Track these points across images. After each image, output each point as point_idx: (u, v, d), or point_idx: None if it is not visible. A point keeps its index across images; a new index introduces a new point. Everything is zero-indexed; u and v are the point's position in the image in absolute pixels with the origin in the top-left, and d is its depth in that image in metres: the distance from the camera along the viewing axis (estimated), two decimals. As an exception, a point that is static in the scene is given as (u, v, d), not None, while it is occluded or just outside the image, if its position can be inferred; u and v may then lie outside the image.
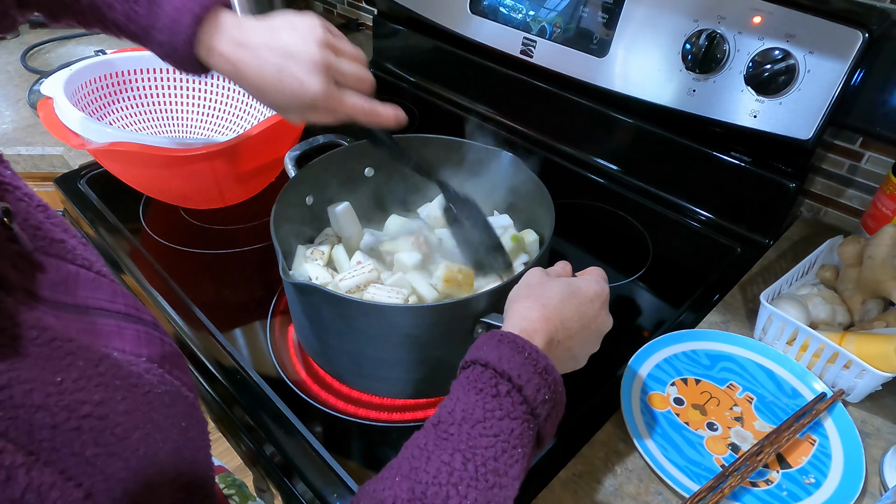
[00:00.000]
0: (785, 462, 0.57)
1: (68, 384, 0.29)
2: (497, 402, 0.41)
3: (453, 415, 0.41)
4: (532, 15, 0.93)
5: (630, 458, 0.57)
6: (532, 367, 0.42)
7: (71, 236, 0.39)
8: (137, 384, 0.34)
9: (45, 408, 0.27)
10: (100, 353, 0.33)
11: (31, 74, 1.20)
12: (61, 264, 0.36)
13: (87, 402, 0.29)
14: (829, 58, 0.69)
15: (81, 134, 0.72)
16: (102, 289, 0.38)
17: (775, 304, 0.67)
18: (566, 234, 0.84)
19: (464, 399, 0.42)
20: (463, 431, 0.40)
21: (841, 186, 0.85)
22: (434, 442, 0.40)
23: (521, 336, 0.44)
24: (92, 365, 0.31)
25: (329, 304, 0.55)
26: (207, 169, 0.75)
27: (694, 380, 0.64)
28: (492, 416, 0.40)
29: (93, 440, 0.29)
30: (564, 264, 0.53)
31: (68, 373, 0.30)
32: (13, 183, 0.36)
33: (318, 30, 0.50)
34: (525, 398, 0.41)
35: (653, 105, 0.84)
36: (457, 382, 0.43)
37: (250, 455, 0.64)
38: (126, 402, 0.32)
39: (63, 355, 0.30)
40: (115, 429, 0.30)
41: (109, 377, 0.32)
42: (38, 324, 0.30)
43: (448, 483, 0.38)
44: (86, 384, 0.30)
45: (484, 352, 0.43)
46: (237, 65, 0.50)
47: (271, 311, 0.73)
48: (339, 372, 0.63)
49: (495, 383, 0.41)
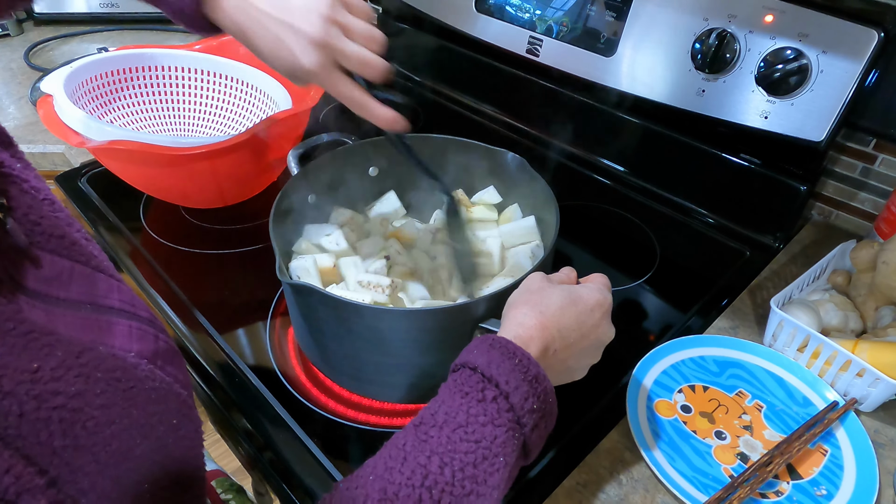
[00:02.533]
0: (796, 473, 0.55)
1: (45, 373, 0.29)
2: (482, 407, 0.40)
3: (435, 417, 0.40)
4: (538, 14, 0.92)
5: (636, 467, 0.56)
6: (522, 374, 0.41)
7: (75, 230, 0.38)
8: (121, 378, 0.34)
9: (14, 395, 0.27)
10: (82, 346, 0.32)
11: (34, 72, 1.20)
12: (56, 259, 0.36)
13: (61, 392, 0.29)
14: (843, 58, 0.67)
15: (81, 132, 0.71)
16: (97, 284, 0.38)
17: (786, 309, 0.65)
18: (571, 236, 0.83)
19: (448, 402, 0.41)
20: (443, 434, 0.39)
21: (853, 189, 0.83)
22: (412, 443, 0.39)
23: (515, 342, 0.43)
24: (73, 356, 0.31)
25: (326, 307, 0.54)
26: (208, 168, 0.74)
27: (702, 387, 0.62)
28: (475, 422, 0.39)
29: (61, 431, 0.29)
30: (569, 271, 0.52)
31: (46, 362, 0.29)
32: (21, 175, 0.36)
33: (325, 4, 0.48)
34: (511, 406, 0.40)
35: (661, 105, 0.83)
36: (445, 385, 0.43)
37: (249, 459, 0.63)
38: (105, 395, 0.32)
39: (40, 346, 0.30)
40: (86, 422, 0.30)
41: (90, 368, 0.32)
42: (15, 316, 0.30)
43: (422, 486, 0.37)
44: (64, 374, 0.30)
45: (474, 355, 0.42)
46: (241, 26, 0.50)
47: (271, 312, 0.72)
48: (338, 375, 0.62)
49: (482, 388, 0.40)
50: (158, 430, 0.35)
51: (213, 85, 0.91)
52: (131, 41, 1.35)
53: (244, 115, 0.91)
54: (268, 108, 0.87)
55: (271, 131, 0.74)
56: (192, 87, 0.90)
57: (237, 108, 0.91)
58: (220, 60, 0.89)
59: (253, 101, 0.90)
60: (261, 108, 0.89)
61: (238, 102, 0.91)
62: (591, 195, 0.92)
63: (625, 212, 0.89)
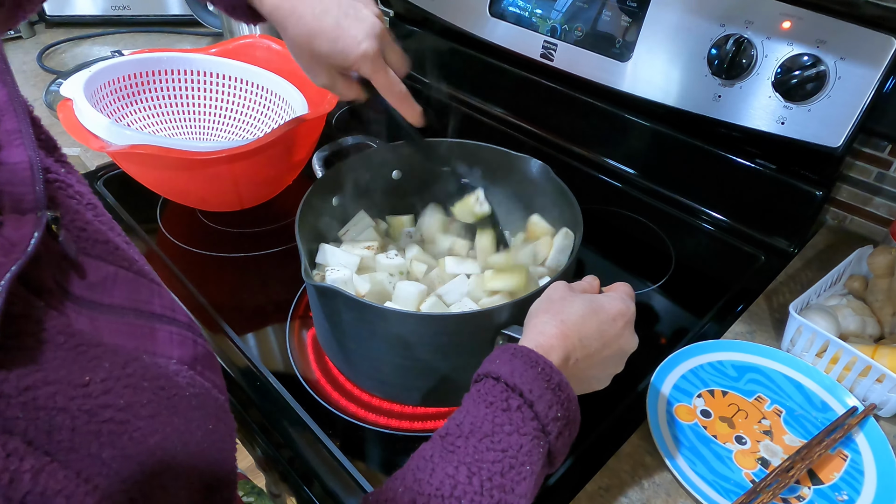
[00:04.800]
0: (816, 478, 0.55)
1: (95, 386, 0.29)
2: (507, 416, 0.40)
3: (461, 427, 0.40)
4: (553, 17, 0.92)
5: (657, 472, 0.56)
6: (545, 382, 0.41)
7: (116, 234, 0.39)
8: (165, 387, 0.34)
9: (67, 410, 0.28)
10: (128, 356, 0.32)
11: (48, 74, 1.20)
12: (101, 265, 0.36)
13: (111, 405, 0.29)
14: (860, 64, 0.68)
15: (101, 136, 0.71)
16: (140, 289, 0.38)
17: (804, 314, 0.65)
18: (585, 241, 0.82)
19: (473, 412, 0.41)
20: (470, 445, 0.39)
21: (868, 195, 0.83)
22: (440, 454, 0.39)
23: (536, 351, 0.43)
24: (119, 366, 0.31)
25: (350, 309, 0.54)
26: (227, 172, 0.75)
27: (721, 391, 0.63)
28: (500, 431, 0.39)
29: (110, 443, 0.29)
30: (592, 279, 0.52)
31: (95, 374, 0.30)
32: (66, 180, 0.36)
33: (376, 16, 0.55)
34: (536, 414, 0.40)
35: (676, 110, 0.83)
36: (468, 395, 0.43)
37: (265, 459, 0.63)
38: (151, 405, 0.32)
39: (90, 359, 0.30)
40: (133, 433, 0.30)
41: (137, 379, 0.32)
42: (66, 329, 0.30)
43: (451, 496, 0.37)
44: (113, 385, 0.30)
45: (497, 365, 0.42)
46: (297, 5, 0.52)
47: (290, 314, 0.72)
48: (359, 377, 0.62)
49: (506, 397, 0.41)
50: (197, 435, 0.36)
51: (230, 89, 0.91)
52: (143, 43, 1.36)
53: (261, 118, 0.91)
54: (284, 112, 0.88)
55: (289, 136, 0.75)
56: (209, 90, 0.91)
57: (254, 112, 0.91)
58: (237, 64, 0.89)
59: (269, 106, 0.90)
60: (277, 112, 0.89)
61: (254, 106, 0.91)
62: (605, 199, 0.92)
63: (639, 216, 0.89)
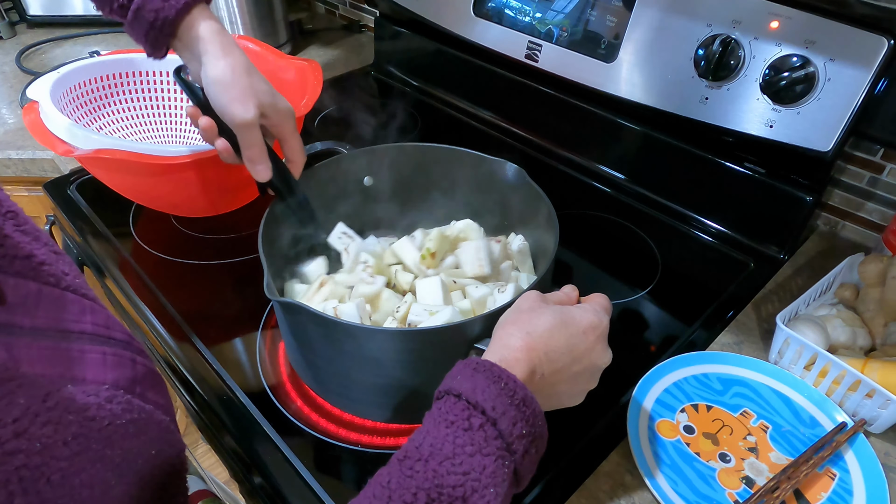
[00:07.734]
0: (803, 498, 0.53)
1: (5, 429, 0.26)
2: (469, 436, 0.38)
3: (420, 450, 0.38)
4: (538, 18, 0.90)
5: (637, 492, 0.54)
6: (509, 398, 0.39)
7: (42, 245, 0.36)
8: (95, 417, 0.31)
9: None
10: (49, 387, 0.30)
11: (27, 75, 1.18)
12: (21, 283, 0.33)
13: (22, 451, 0.27)
14: (851, 65, 0.65)
15: (67, 140, 0.69)
16: (67, 307, 0.35)
17: (792, 325, 0.63)
18: (571, 246, 0.81)
19: (433, 432, 0.38)
20: (429, 468, 0.37)
21: (860, 199, 0.81)
22: (397, 480, 0.36)
23: (500, 365, 0.40)
24: (38, 401, 0.28)
25: (316, 325, 0.51)
26: (197, 177, 0.72)
27: (705, 406, 0.60)
28: (462, 452, 0.37)
29: (21, 491, 0.26)
30: (571, 290, 0.50)
31: (6, 413, 0.27)
32: None
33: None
34: (500, 432, 0.38)
35: (662, 112, 0.81)
36: (429, 414, 0.40)
37: (237, 477, 0.61)
38: (77, 441, 0.29)
39: (4, 394, 0.27)
40: (52, 475, 0.27)
41: (59, 412, 0.29)
42: None
43: None
44: (28, 426, 0.27)
45: (458, 381, 0.40)
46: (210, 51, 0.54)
47: (262, 325, 0.70)
48: (328, 394, 0.60)
49: (468, 416, 0.38)
50: (137, 463, 0.33)
51: (204, 91, 0.88)
52: (125, 44, 1.33)
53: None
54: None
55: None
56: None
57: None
58: (212, 65, 0.87)
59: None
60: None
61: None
62: (591, 203, 0.90)
63: (626, 221, 0.87)
